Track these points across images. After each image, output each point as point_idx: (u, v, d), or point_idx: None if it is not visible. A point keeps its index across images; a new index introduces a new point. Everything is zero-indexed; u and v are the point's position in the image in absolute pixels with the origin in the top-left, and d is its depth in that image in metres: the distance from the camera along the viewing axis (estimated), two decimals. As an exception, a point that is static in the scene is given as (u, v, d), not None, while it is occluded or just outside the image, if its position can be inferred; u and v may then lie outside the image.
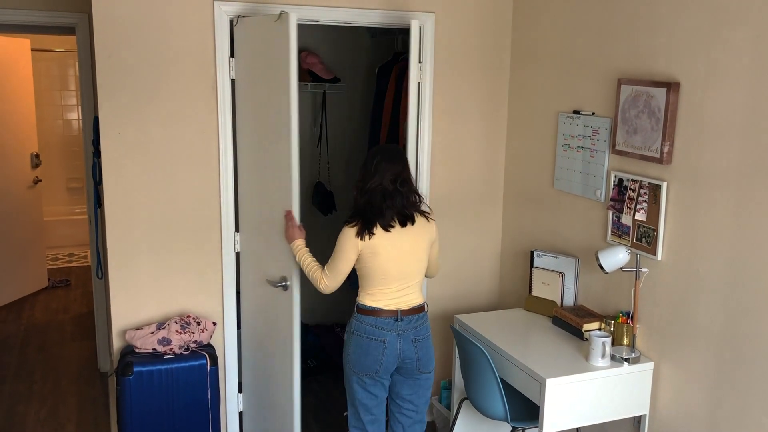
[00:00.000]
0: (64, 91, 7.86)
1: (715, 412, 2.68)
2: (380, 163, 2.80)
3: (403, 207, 2.80)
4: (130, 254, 3.30)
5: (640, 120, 2.90)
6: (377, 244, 2.78)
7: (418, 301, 2.92)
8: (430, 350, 2.96)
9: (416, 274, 2.89)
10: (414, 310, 2.90)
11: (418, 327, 2.90)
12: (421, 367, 2.93)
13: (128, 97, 3.18)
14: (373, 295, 2.87)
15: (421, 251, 2.88)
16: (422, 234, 2.87)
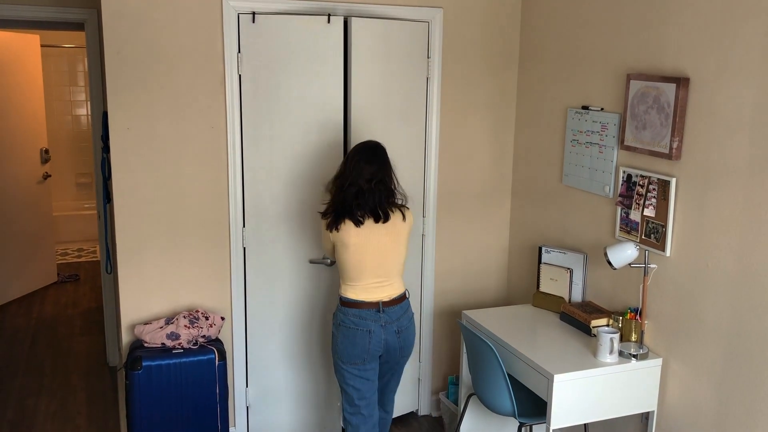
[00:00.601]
0: (73, 87, 7.90)
1: (724, 408, 2.67)
2: (359, 162, 2.91)
3: (375, 205, 2.90)
4: (139, 249, 3.31)
5: (649, 115, 2.89)
6: (346, 237, 2.91)
7: (398, 292, 3.03)
8: (412, 336, 3.10)
9: (394, 267, 3.01)
10: (394, 300, 3.00)
11: (401, 318, 3.02)
12: (403, 354, 3.09)
13: (137, 92, 3.19)
14: (352, 287, 2.99)
15: (398, 245, 2.99)
16: (398, 229, 2.97)
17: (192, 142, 3.32)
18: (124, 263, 3.31)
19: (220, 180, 3.39)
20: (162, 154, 3.28)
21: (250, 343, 3.60)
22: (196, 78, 3.27)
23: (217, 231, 3.43)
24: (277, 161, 3.47)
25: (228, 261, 3.47)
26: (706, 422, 2.75)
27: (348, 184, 2.90)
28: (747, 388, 2.57)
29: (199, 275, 3.44)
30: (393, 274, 3.01)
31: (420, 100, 3.68)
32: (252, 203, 3.46)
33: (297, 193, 3.52)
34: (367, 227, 2.92)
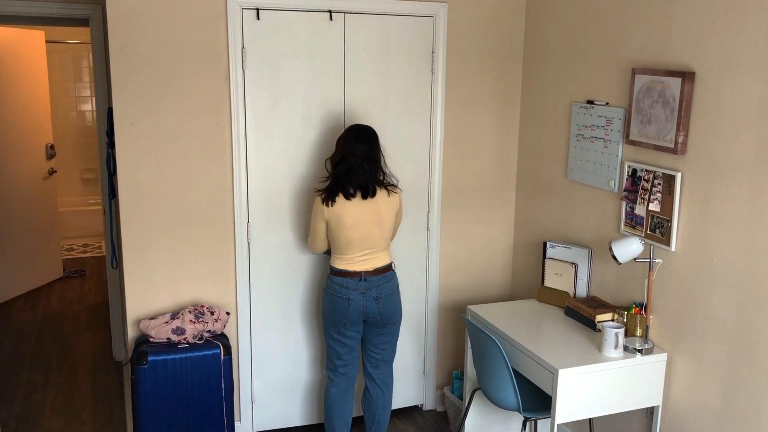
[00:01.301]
0: (78, 83, 7.91)
1: (729, 403, 2.67)
2: (350, 141, 3.15)
3: (366, 182, 3.12)
4: (144, 244, 3.32)
5: (655, 110, 2.88)
6: (341, 212, 3.13)
7: (383, 263, 3.23)
8: (393, 305, 3.29)
9: (379, 241, 3.20)
10: (377, 271, 3.21)
11: (380, 286, 3.22)
12: (384, 320, 3.27)
13: (142, 88, 3.20)
14: (340, 258, 3.22)
15: (384, 221, 3.19)
16: (383, 206, 3.18)
17: (197, 138, 3.32)
18: (130, 258, 3.32)
19: (225, 175, 3.40)
20: (167, 150, 3.28)
21: (255, 337, 3.61)
22: (201, 73, 3.27)
23: (221, 226, 3.44)
24: (281, 156, 3.47)
25: (233, 256, 3.48)
26: (711, 417, 2.75)
27: (339, 161, 3.14)
28: (752, 383, 2.57)
29: (205, 270, 3.45)
30: (379, 248, 3.21)
31: (424, 95, 3.68)
32: (256, 198, 3.47)
33: (301, 187, 3.53)
34: (357, 203, 3.13)
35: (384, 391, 3.41)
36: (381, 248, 3.23)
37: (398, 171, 3.68)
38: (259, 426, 3.73)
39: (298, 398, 3.76)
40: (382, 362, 3.39)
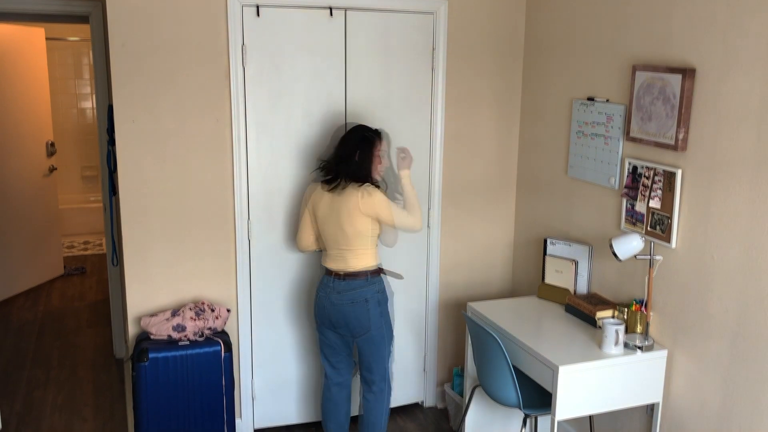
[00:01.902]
0: (78, 80, 7.91)
1: (729, 400, 2.67)
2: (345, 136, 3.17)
3: (338, 174, 3.09)
4: (145, 242, 3.33)
5: (655, 107, 2.88)
6: (317, 201, 3.17)
7: (352, 267, 3.12)
8: (351, 315, 3.13)
9: (350, 242, 3.09)
10: (345, 275, 3.12)
11: (340, 292, 3.12)
12: (351, 331, 3.17)
13: (142, 85, 3.20)
14: (325, 255, 3.23)
15: (353, 221, 3.06)
16: (352, 205, 3.05)
17: (197, 135, 3.32)
18: (130, 256, 3.32)
19: (226, 172, 3.40)
20: (167, 147, 3.28)
21: (256, 334, 3.61)
22: (201, 70, 3.27)
23: (222, 223, 3.44)
24: (282, 154, 3.47)
25: (233, 253, 3.48)
26: (711, 414, 2.75)
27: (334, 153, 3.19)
28: (753, 380, 2.57)
29: (205, 267, 3.45)
30: (350, 249, 3.11)
31: (424, 92, 3.67)
32: (257, 195, 3.47)
33: (301, 184, 3.53)
34: (329, 196, 3.11)
35: (376, 396, 3.29)
36: (349, 249, 3.11)
37: (399, 168, 3.68)
38: (260, 423, 3.73)
39: (299, 395, 3.76)
40: (366, 370, 3.26)
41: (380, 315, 3.17)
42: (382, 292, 3.19)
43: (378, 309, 3.16)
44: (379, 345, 3.20)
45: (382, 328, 3.18)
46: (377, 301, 3.15)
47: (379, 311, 3.16)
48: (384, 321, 3.20)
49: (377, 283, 3.16)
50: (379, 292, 3.16)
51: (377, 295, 3.15)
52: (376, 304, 3.15)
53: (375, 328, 3.16)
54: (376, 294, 3.15)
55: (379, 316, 3.16)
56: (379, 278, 3.18)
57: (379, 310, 3.16)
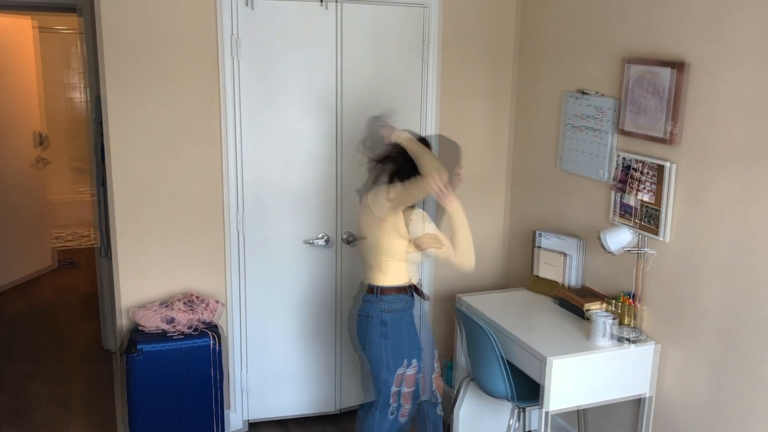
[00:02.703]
0: (67, 70, 7.83)
1: (719, 392, 2.70)
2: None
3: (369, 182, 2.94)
4: (135, 234, 3.31)
5: (646, 100, 2.88)
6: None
7: (368, 280, 2.96)
8: (354, 328, 2.99)
9: (370, 252, 2.92)
10: (364, 287, 2.99)
11: (356, 301, 3.00)
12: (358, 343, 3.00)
13: (132, 76, 3.17)
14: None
15: (373, 231, 2.89)
16: (367, 214, 2.91)
17: (188, 126, 3.30)
18: (121, 247, 3.30)
19: (217, 164, 3.39)
20: (158, 138, 3.27)
21: (248, 326, 3.61)
22: (192, 61, 3.25)
23: (214, 215, 3.43)
24: (274, 145, 3.46)
25: (225, 245, 3.47)
26: (701, 406, 2.78)
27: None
28: (742, 372, 2.60)
29: (197, 259, 3.44)
30: (370, 259, 2.93)
31: (417, 85, 3.67)
32: (248, 187, 3.46)
33: (293, 176, 3.52)
34: (363, 206, 2.98)
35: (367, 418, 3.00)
36: (372, 262, 2.92)
37: (390, 160, 3.68)
38: (252, 415, 3.74)
39: (291, 388, 3.77)
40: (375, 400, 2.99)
41: (381, 337, 2.89)
42: (391, 312, 2.89)
43: (380, 329, 2.89)
44: (374, 364, 2.94)
45: (381, 350, 2.90)
46: (381, 320, 2.88)
47: (380, 332, 2.89)
48: (386, 344, 2.89)
49: (386, 302, 2.88)
50: (384, 312, 2.88)
51: (381, 314, 2.88)
52: (379, 324, 2.89)
53: (374, 347, 2.91)
54: (380, 313, 2.88)
55: (380, 337, 2.89)
56: (391, 297, 2.88)
57: (379, 331, 2.89)
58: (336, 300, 3.73)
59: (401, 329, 2.91)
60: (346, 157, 3.57)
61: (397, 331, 2.90)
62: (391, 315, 2.89)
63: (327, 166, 3.56)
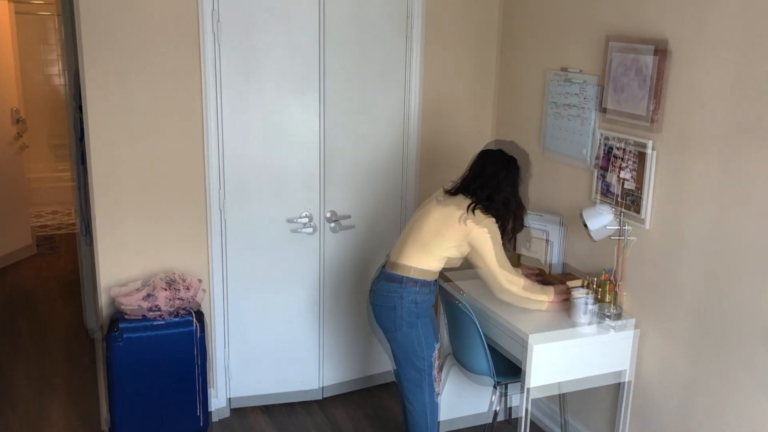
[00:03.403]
0: (44, 46, 7.68)
1: (696, 371, 2.74)
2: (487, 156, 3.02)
3: (458, 187, 2.96)
4: (116, 213, 3.28)
5: (629, 80, 2.89)
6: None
7: (400, 261, 2.93)
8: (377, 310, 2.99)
9: (417, 232, 2.92)
10: (392, 265, 2.96)
11: (379, 283, 2.98)
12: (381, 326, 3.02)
13: (111, 53, 3.12)
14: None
15: (432, 215, 2.91)
16: (447, 207, 2.89)
17: (168, 104, 3.26)
18: (101, 226, 3.27)
19: (197, 142, 3.35)
20: (137, 116, 3.22)
21: (229, 308, 3.60)
22: (172, 39, 3.20)
23: (194, 194, 3.40)
24: (255, 124, 3.43)
25: (205, 225, 3.45)
26: (678, 385, 2.82)
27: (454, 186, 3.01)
28: (719, 352, 2.63)
29: (178, 238, 3.41)
30: (406, 244, 2.94)
31: (401, 64, 3.64)
32: (229, 166, 3.43)
33: (275, 155, 3.49)
34: (437, 199, 2.97)
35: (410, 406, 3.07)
36: (410, 242, 2.92)
37: (374, 141, 3.66)
38: (235, 394, 3.74)
39: (274, 368, 3.77)
40: (400, 377, 3.07)
41: (412, 323, 2.93)
42: (422, 295, 2.93)
43: (409, 317, 2.92)
44: (398, 348, 2.98)
45: (415, 333, 2.94)
46: (410, 308, 2.91)
47: (410, 319, 2.92)
48: (416, 330, 2.94)
49: (414, 289, 2.91)
50: (412, 301, 2.91)
51: (410, 303, 2.91)
52: (408, 312, 2.91)
53: (408, 331, 2.93)
54: (409, 302, 2.91)
55: (410, 324, 2.93)
56: (421, 286, 2.92)
57: (410, 318, 2.92)
58: (319, 279, 3.73)
59: (429, 310, 3.00)
60: (329, 136, 3.55)
61: (426, 310, 2.98)
62: (422, 297, 2.94)
63: (310, 146, 3.54)
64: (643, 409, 3.00)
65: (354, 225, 3.72)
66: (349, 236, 3.73)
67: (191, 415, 3.28)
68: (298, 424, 3.63)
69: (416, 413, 3.06)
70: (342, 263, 3.76)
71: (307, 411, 3.76)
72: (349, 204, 3.69)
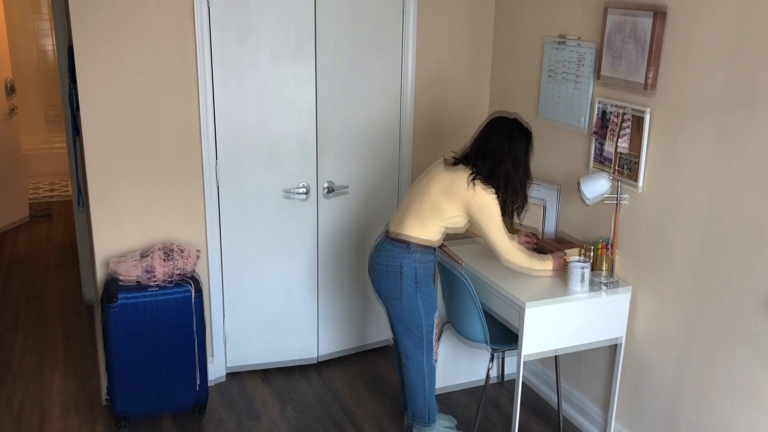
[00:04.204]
0: (36, 15, 7.59)
1: (689, 336, 2.76)
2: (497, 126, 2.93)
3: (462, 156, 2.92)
4: (111, 184, 3.27)
5: (626, 47, 2.86)
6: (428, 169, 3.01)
7: (400, 230, 2.93)
8: (377, 280, 3.00)
9: (418, 204, 2.91)
10: (392, 234, 2.96)
11: (380, 250, 2.98)
12: (380, 296, 3.03)
13: (103, 22, 3.08)
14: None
15: (434, 186, 2.88)
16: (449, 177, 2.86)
17: (161, 74, 3.23)
18: (96, 198, 3.26)
19: (192, 112, 3.33)
20: (131, 86, 3.19)
21: (226, 275, 3.61)
22: (164, 7, 3.15)
23: (190, 165, 3.39)
24: (249, 94, 3.40)
25: (202, 195, 3.44)
26: (671, 350, 2.85)
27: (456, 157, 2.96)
28: (711, 318, 2.65)
29: (173, 209, 3.41)
30: (409, 211, 2.93)
31: (396, 31, 3.61)
32: (224, 136, 3.41)
33: (270, 124, 3.47)
34: (438, 167, 2.94)
35: (407, 377, 3.11)
36: (410, 214, 2.92)
37: (369, 109, 3.64)
38: (233, 363, 3.77)
39: (271, 336, 3.80)
40: (397, 344, 3.12)
41: (414, 288, 2.93)
42: (424, 263, 2.93)
43: (412, 281, 2.92)
44: (398, 318, 3.01)
45: (417, 300, 2.95)
46: (414, 273, 2.92)
47: (412, 284, 2.93)
48: (418, 295, 2.95)
49: (418, 255, 2.91)
50: (415, 265, 2.91)
51: (413, 268, 2.91)
52: (411, 277, 2.92)
53: (409, 299, 2.94)
54: (413, 266, 2.91)
55: (412, 289, 2.93)
56: (424, 253, 2.93)
57: (413, 282, 2.93)
58: (315, 249, 3.73)
59: (430, 279, 2.99)
60: (324, 105, 3.53)
61: (427, 278, 2.98)
62: (423, 265, 2.94)
63: (306, 115, 3.51)
64: (636, 373, 3.03)
65: (347, 190, 3.71)
66: (345, 204, 3.73)
67: (190, 383, 3.30)
68: (296, 389, 3.67)
69: (414, 381, 3.09)
70: (338, 231, 3.77)
71: (305, 376, 3.79)
72: (345, 173, 3.68)
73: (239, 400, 3.57)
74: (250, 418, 3.43)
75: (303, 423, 3.40)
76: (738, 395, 2.57)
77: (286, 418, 3.44)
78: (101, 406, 3.50)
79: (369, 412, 3.50)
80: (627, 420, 3.12)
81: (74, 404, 3.51)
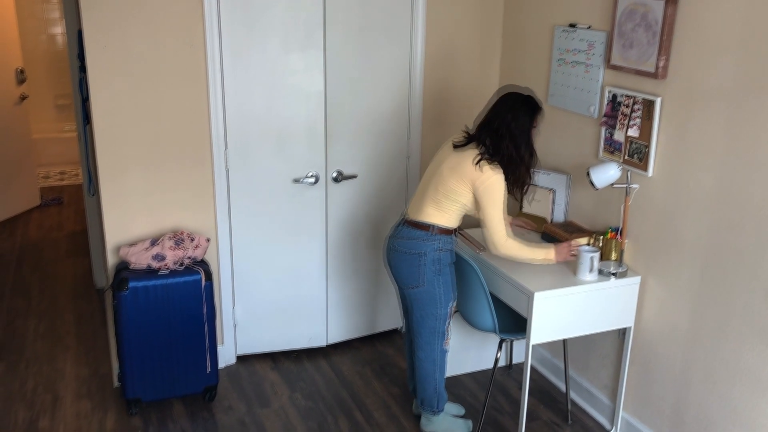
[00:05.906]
0: (46, 3, 7.61)
1: (698, 323, 2.76)
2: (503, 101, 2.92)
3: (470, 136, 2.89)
4: (121, 171, 3.28)
5: (637, 34, 2.84)
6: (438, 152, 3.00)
7: (417, 217, 2.93)
8: (398, 266, 2.99)
9: (433, 189, 2.90)
10: (409, 221, 2.96)
11: (397, 237, 2.98)
12: (394, 276, 3.05)
13: (112, 9, 3.08)
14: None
15: (445, 170, 2.87)
16: (458, 159, 2.84)
17: (171, 61, 3.24)
18: (107, 185, 3.28)
19: (201, 99, 3.33)
20: (140, 74, 3.20)
21: (236, 262, 3.63)
22: (173, -7, 3.16)
23: (199, 152, 3.40)
24: (258, 81, 3.40)
25: (211, 182, 3.46)
26: (680, 337, 2.85)
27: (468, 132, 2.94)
28: (720, 306, 2.65)
29: (184, 196, 3.42)
30: (423, 197, 2.94)
31: (405, 18, 3.59)
32: (234, 123, 3.42)
33: (279, 111, 3.48)
34: (449, 148, 2.92)
35: (418, 361, 3.11)
36: (426, 200, 2.91)
37: (378, 97, 3.63)
38: (242, 349, 3.80)
39: (281, 323, 3.82)
40: (410, 330, 3.14)
41: (436, 274, 2.94)
42: (444, 251, 2.94)
43: (434, 267, 2.93)
44: (417, 304, 3.00)
45: (435, 287, 2.96)
46: (435, 259, 2.92)
47: (434, 270, 2.93)
48: (439, 282, 2.96)
49: (440, 240, 2.92)
50: (437, 251, 2.92)
51: (435, 253, 2.92)
52: (433, 262, 2.92)
53: (428, 285, 2.95)
54: (435, 252, 2.92)
55: (434, 275, 2.94)
56: (445, 237, 2.93)
57: (434, 268, 2.93)
58: (324, 235, 3.74)
59: (448, 266, 3.00)
60: (333, 92, 3.53)
61: (447, 266, 2.98)
62: (444, 254, 2.95)
63: (314, 102, 3.51)
64: (644, 361, 3.03)
65: (356, 174, 3.71)
66: (355, 190, 3.73)
67: (201, 368, 3.33)
68: (305, 375, 3.69)
69: (425, 369, 3.10)
70: (348, 218, 3.78)
71: (314, 362, 3.82)
72: (354, 161, 3.68)
73: (249, 386, 3.60)
74: (259, 403, 3.46)
75: (312, 409, 3.43)
76: (747, 383, 2.57)
77: (295, 403, 3.47)
78: (113, 390, 3.54)
79: (378, 398, 3.52)
80: (635, 407, 3.12)
81: (86, 389, 3.54)
